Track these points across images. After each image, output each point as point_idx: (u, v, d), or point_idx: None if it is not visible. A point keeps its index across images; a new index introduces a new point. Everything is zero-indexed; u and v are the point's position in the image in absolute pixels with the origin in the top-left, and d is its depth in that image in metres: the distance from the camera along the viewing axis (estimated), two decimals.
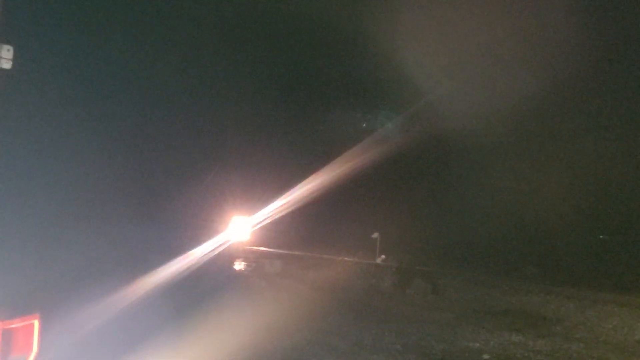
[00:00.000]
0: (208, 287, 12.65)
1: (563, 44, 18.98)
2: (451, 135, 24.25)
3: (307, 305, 12.81)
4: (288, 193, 18.32)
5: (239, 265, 19.52)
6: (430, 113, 21.49)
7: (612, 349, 9.09)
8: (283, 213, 18.19)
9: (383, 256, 22.28)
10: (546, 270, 17.85)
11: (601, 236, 18.88)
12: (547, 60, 19.49)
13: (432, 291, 15.11)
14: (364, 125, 24.19)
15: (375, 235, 22.71)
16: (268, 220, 17.49)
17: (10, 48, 3.94)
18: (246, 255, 20.55)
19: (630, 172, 18.32)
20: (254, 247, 21.64)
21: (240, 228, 16.97)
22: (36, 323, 4.03)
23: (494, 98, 20.66)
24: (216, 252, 13.24)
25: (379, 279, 16.81)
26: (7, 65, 3.93)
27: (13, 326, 3.83)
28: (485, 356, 8.81)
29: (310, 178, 19.36)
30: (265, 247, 23.78)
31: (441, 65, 22.64)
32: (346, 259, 21.31)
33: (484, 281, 15.40)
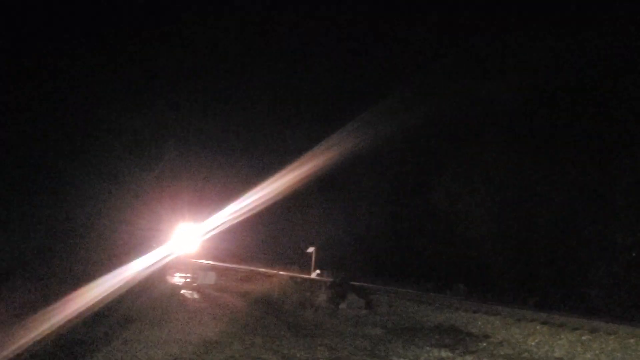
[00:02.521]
0: (140, 300, 12.30)
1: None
2: (384, 153, 24.84)
3: (240, 319, 12.63)
4: (232, 204, 18.13)
5: (172, 278, 19.02)
6: (363, 130, 21.95)
7: None
8: (229, 224, 17.96)
9: (318, 271, 22.34)
10: (475, 288, 18.43)
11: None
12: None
13: (365, 306, 15.27)
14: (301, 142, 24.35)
15: (311, 249, 22.77)
16: (216, 231, 17.20)
17: None
18: (180, 267, 20.08)
19: (553, 197, 19.32)
20: (194, 260, 21.18)
21: (186, 238, 16.58)
22: None
23: (428, 115, 21.43)
24: (155, 266, 12.87)
25: (314, 293, 16.81)
26: None
27: None
28: None
29: (249, 193, 19.26)
30: (200, 258, 23.30)
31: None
32: (281, 272, 21.23)
33: (415, 297, 15.71)
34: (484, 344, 10.77)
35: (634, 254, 16.19)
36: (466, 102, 21.69)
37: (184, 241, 16.01)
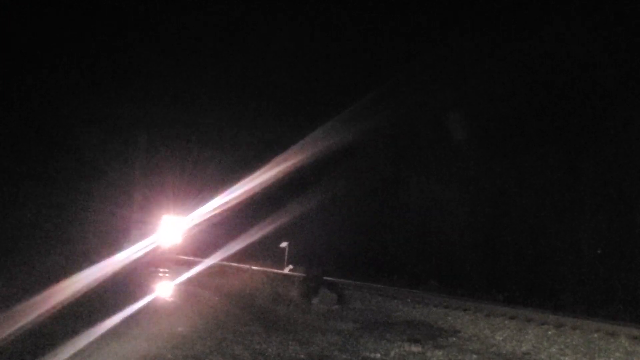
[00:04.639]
0: (113, 294, 12.15)
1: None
2: (363, 150, 24.96)
3: (212, 313, 12.57)
4: (213, 199, 18.02)
5: (146, 272, 18.78)
6: (339, 128, 22.07)
7: None
8: (209, 219, 17.83)
9: (291, 266, 22.30)
10: (446, 284, 18.66)
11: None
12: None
13: (337, 301, 15.33)
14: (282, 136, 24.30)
15: (284, 244, 22.71)
16: (197, 225, 17.03)
17: None
18: (156, 261, 19.85)
19: (522, 196, 19.68)
20: (172, 254, 20.91)
21: (170, 230, 16.36)
22: None
23: (403, 114, 21.64)
24: (130, 260, 12.69)
25: (286, 288, 16.81)
26: None
27: None
28: None
29: (228, 189, 19.17)
30: (180, 253, 23.02)
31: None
32: (254, 267, 21.13)
33: (387, 293, 15.84)
34: (454, 339, 10.94)
35: (599, 252, 16.61)
36: (440, 100, 21.91)
37: (165, 235, 15.80)
